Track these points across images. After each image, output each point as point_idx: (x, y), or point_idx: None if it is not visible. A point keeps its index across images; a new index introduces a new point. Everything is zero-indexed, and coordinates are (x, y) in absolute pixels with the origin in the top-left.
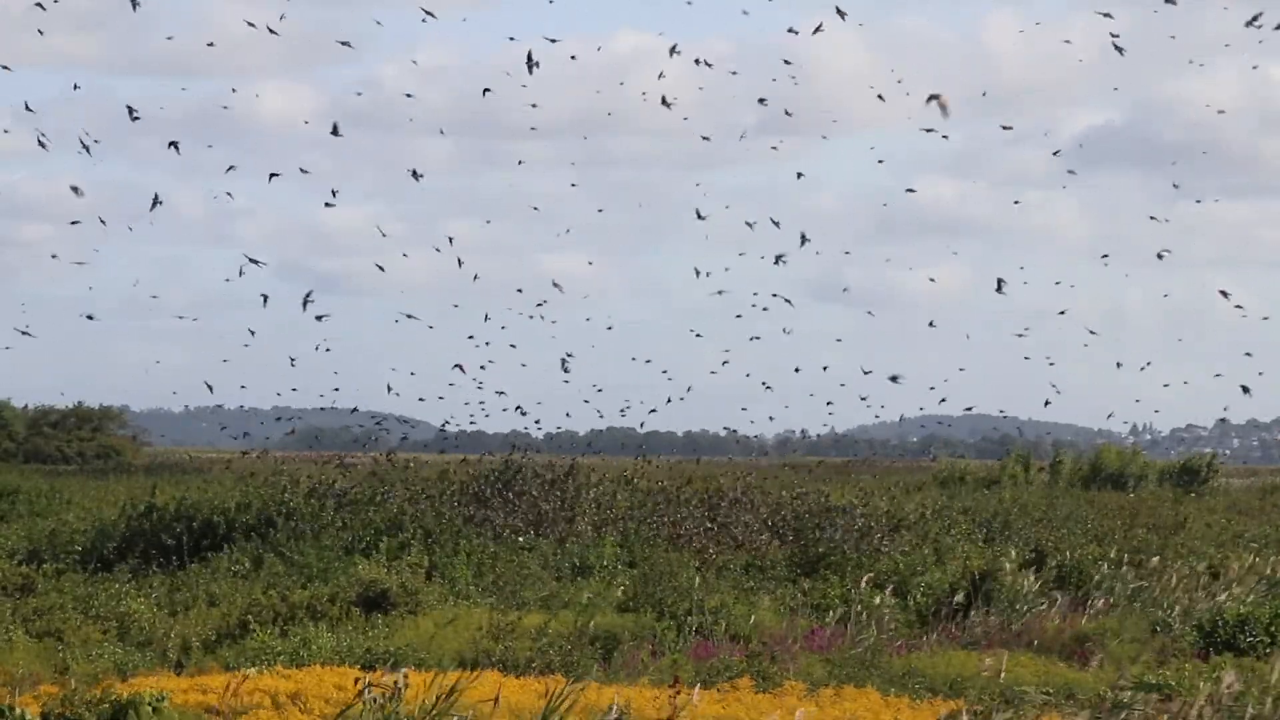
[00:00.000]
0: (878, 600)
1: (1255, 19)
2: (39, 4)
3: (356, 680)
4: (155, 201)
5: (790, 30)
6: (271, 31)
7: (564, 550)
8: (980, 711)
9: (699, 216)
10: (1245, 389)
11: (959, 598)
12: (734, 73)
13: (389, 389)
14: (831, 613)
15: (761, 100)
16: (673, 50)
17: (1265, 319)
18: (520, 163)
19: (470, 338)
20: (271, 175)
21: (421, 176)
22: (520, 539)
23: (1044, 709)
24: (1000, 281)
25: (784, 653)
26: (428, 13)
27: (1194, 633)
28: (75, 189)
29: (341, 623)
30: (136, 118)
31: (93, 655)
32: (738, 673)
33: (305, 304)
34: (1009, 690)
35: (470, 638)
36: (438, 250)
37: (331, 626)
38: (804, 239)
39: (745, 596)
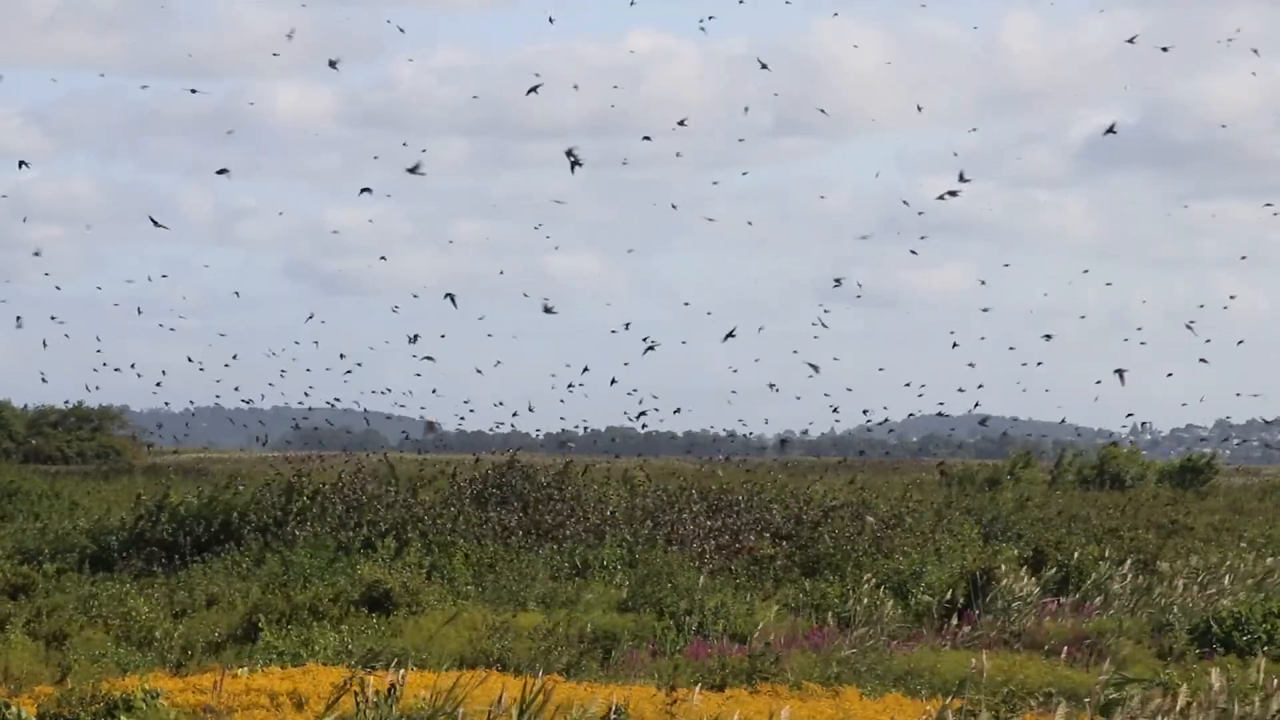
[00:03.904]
0: (878, 600)
1: None
2: None
3: (348, 680)
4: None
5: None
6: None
7: (564, 551)
8: (973, 711)
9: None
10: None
11: (959, 598)
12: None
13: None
14: (831, 613)
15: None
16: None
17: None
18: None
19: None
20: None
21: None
22: (520, 539)
23: (1039, 708)
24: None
25: (784, 653)
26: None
27: (1191, 633)
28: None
29: (343, 623)
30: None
31: (93, 656)
32: (736, 673)
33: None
34: (1003, 689)
35: (471, 638)
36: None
37: (334, 626)
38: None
39: (745, 596)
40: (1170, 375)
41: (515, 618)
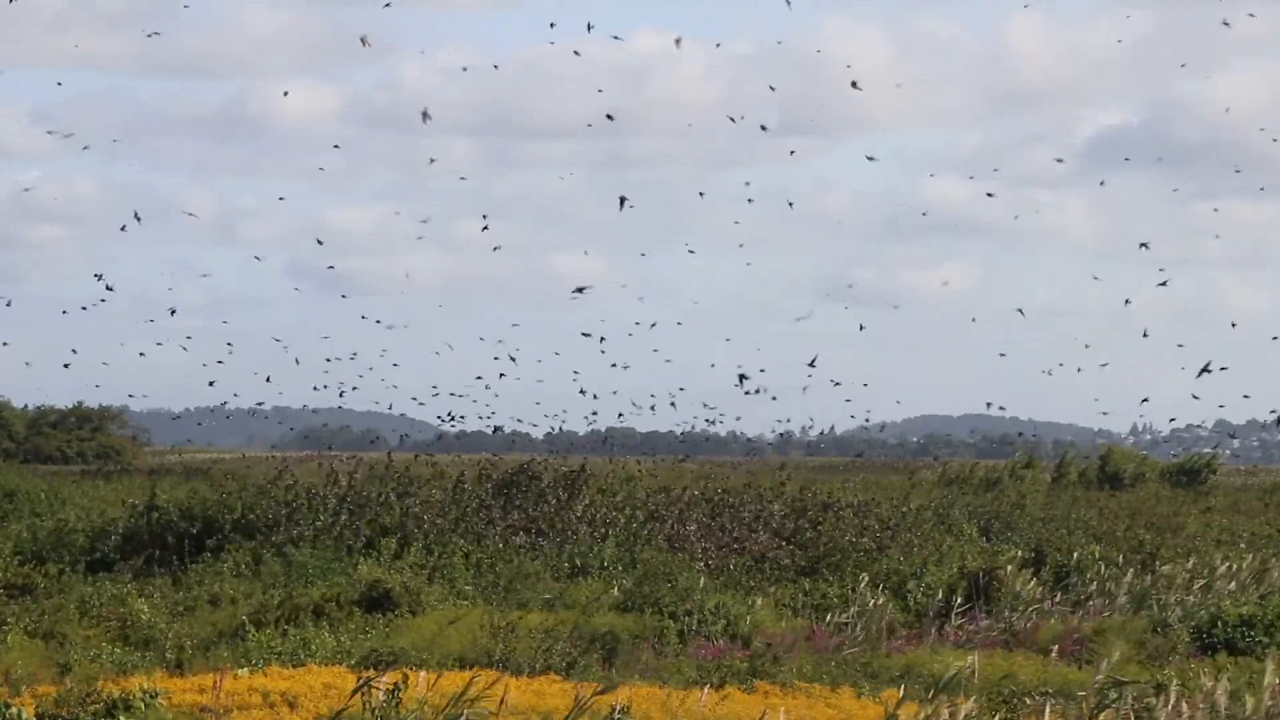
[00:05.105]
0: (878, 600)
1: None
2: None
3: (360, 679)
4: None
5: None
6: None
7: (564, 551)
8: (976, 712)
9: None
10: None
11: (959, 598)
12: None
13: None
14: (831, 613)
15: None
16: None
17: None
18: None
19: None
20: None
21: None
22: (521, 538)
23: (1034, 708)
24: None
25: (783, 653)
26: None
27: (1192, 633)
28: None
29: (343, 623)
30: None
31: (92, 656)
32: (737, 673)
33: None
34: (1004, 689)
35: (471, 638)
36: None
37: (333, 627)
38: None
39: (745, 597)
40: (1171, 376)
41: (517, 617)
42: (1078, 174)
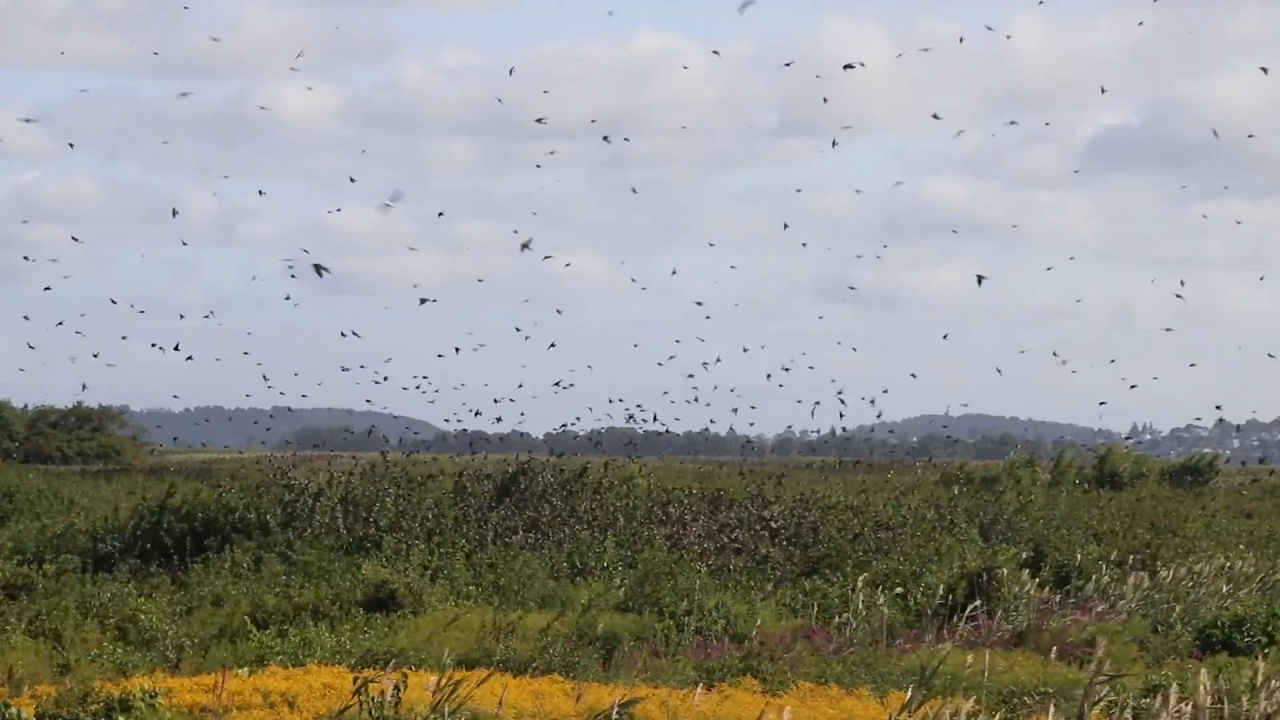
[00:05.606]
0: (877, 600)
1: None
2: None
3: (356, 680)
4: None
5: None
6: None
7: (564, 551)
8: (977, 711)
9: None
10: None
11: (959, 598)
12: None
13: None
14: (831, 613)
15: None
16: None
17: None
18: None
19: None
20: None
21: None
22: (521, 539)
23: (1033, 707)
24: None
25: (783, 653)
26: None
27: (1193, 633)
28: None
29: (343, 623)
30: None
31: (92, 656)
32: (737, 673)
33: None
34: (1004, 688)
35: (471, 638)
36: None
37: (333, 627)
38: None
39: (745, 596)
40: (1171, 376)
41: (518, 618)
42: (1078, 174)
